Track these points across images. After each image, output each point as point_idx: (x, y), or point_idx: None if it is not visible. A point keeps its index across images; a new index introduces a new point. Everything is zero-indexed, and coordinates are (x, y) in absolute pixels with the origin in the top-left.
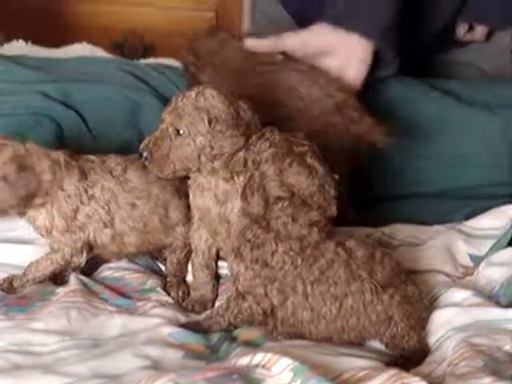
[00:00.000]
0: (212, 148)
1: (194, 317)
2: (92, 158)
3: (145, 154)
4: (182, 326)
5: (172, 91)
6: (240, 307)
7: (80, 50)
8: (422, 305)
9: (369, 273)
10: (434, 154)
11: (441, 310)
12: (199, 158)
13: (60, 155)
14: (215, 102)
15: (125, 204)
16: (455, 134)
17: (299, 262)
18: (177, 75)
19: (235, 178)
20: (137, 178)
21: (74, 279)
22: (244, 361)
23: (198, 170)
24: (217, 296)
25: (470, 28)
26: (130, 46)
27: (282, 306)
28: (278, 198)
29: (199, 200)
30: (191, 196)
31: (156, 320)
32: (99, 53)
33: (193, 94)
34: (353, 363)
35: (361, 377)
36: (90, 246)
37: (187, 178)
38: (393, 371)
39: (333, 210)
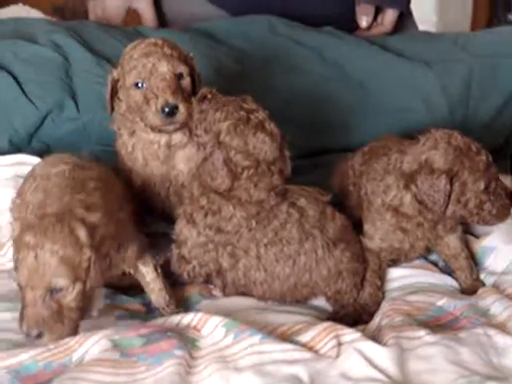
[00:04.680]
0: None
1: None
2: None
3: None
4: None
5: (112, 46)
6: (182, 270)
7: (16, 11)
8: (365, 264)
9: (321, 230)
10: (373, 108)
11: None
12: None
13: None
14: None
15: None
16: (394, 88)
17: (254, 225)
18: (116, 30)
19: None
20: None
21: None
22: (174, 320)
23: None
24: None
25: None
26: (70, 9)
27: (232, 268)
28: (245, 168)
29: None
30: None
31: None
32: (35, 15)
33: None
34: (290, 318)
35: (296, 329)
36: None
37: None
38: (327, 324)
39: (289, 171)
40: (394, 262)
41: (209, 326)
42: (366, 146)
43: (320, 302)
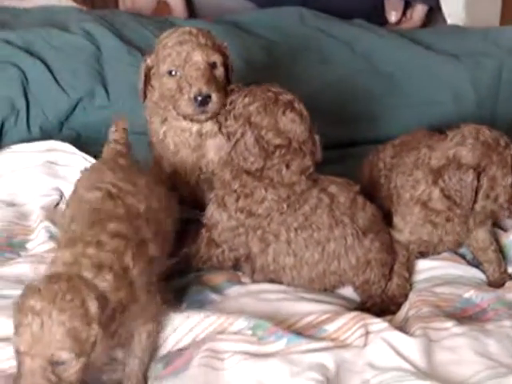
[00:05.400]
0: None
1: None
2: None
3: None
4: None
5: (143, 35)
6: (211, 254)
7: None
8: (393, 256)
9: (351, 218)
10: (401, 101)
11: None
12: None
13: None
14: None
15: None
16: (423, 81)
17: (285, 208)
18: (147, 20)
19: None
20: None
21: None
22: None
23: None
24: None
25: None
26: None
27: (262, 253)
28: (277, 147)
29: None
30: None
31: None
32: (66, 3)
33: None
34: (317, 307)
35: (324, 319)
36: None
37: None
38: (355, 313)
39: (320, 156)
40: (423, 255)
41: (234, 328)
42: (396, 138)
43: (348, 291)
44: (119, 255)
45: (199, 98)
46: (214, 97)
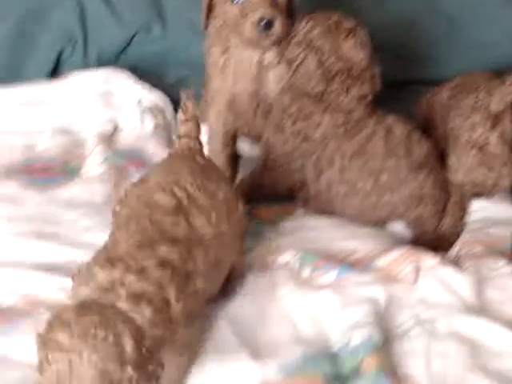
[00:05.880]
0: None
1: None
2: None
3: None
4: None
5: None
6: (265, 179)
7: None
8: (447, 194)
9: (406, 151)
10: (459, 42)
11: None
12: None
13: None
14: None
15: None
16: (482, 23)
17: (341, 134)
18: None
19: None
20: None
21: None
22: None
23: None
24: (235, 177)
25: None
26: None
27: (316, 180)
28: (338, 72)
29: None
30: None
31: None
32: None
33: None
34: (368, 243)
35: (375, 253)
36: None
37: None
38: (407, 248)
39: (379, 85)
40: (477, 196)
41: (284, 259)
42: (454, 79)
43: (399, 229)
44: (161, 286)
45: (263, 22)
46: (278, 21)
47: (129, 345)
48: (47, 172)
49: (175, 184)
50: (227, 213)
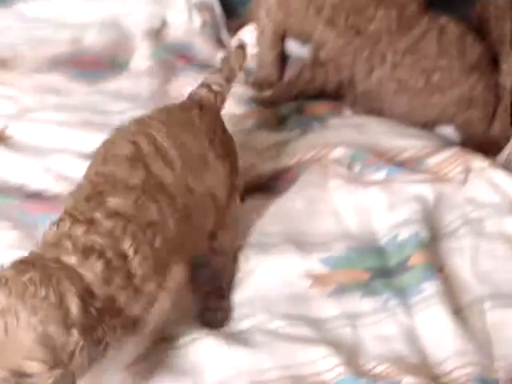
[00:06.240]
0: None
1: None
2: None
3: None
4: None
5: None
6: (315, 73)
7: None
8: (498, 99)
9: (459, 52)
10: None
11: None
12: None
13: None
14: None
15: None
16: None
17: (394, 29)
18: None
19: None
20: None
21: None
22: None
23: None
24: (282, 76)
25: None
26: None
27: (366, 77)
28: None
29: None
30: None
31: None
32: None
33: None
34: (417, 142)
35: (424, 153)
36: None
37: None
38: (457, 149)
39: None
40: None
41: (334, 155)
42: None
43: (448, 132)
44: (114, 238)
45: None
46: None
47: (74, 305)
48: (95, 65)
49: (142, 132)
50: (200, 169)
